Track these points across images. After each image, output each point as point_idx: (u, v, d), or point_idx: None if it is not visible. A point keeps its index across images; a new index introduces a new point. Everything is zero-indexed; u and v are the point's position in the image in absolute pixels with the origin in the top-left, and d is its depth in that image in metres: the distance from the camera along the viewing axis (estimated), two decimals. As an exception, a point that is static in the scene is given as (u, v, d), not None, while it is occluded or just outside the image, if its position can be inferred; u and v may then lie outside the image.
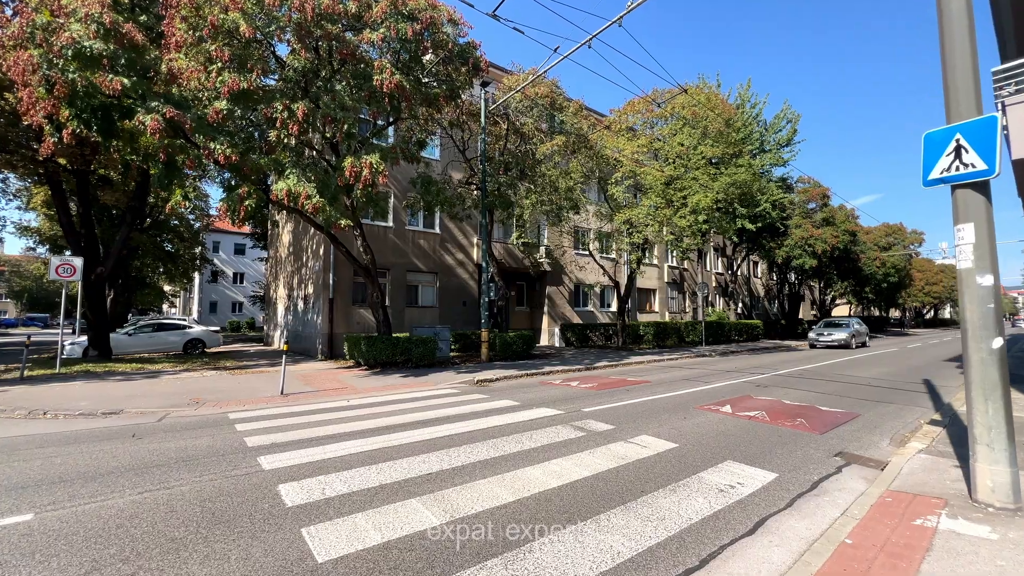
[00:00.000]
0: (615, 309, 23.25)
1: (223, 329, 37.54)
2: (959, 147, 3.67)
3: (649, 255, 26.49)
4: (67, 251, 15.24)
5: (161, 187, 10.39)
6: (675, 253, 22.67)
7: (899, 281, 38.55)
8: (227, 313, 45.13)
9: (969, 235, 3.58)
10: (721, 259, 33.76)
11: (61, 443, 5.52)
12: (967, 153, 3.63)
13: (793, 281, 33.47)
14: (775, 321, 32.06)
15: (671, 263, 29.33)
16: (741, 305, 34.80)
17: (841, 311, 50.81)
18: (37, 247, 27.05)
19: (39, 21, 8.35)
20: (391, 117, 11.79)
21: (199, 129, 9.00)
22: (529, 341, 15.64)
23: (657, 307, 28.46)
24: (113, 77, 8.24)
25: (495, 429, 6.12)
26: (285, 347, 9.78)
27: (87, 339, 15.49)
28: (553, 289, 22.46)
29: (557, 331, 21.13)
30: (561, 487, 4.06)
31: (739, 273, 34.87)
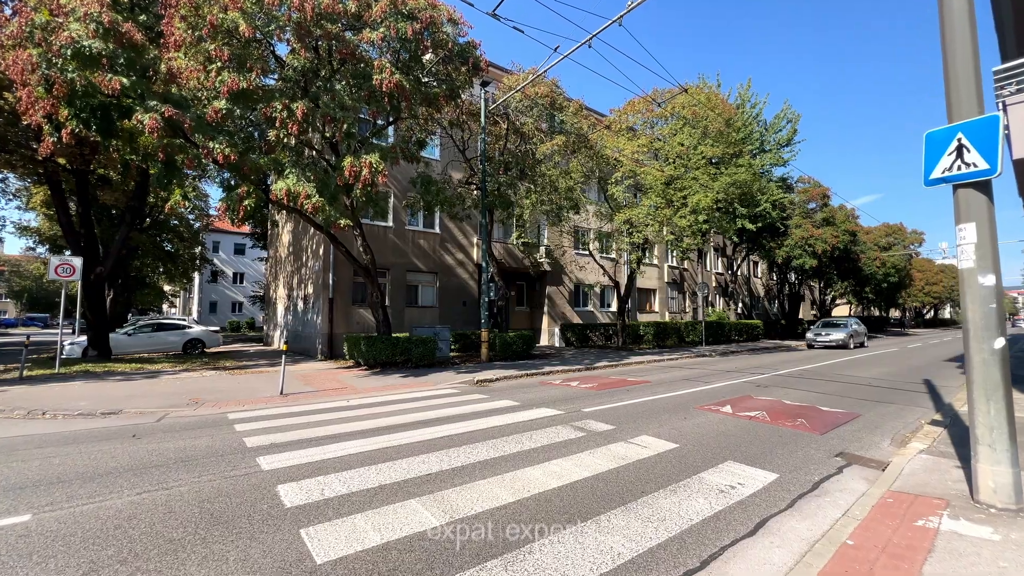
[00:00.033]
0: (615, 309, 23.24)
1: (223, 329, 37.52)
2: (961, 146, 3.66)
3: (649, 255, 26.48)
4: (66, 251, 15.22)
5: (160, 187, 10.39)
6: (675, 253, 22.66)
7: (899, 281, 38.56)
8: (227, 313, 45.12)
9: (971, 235, 3.57)
10: (721, 259, 33.76)
11: (60, 443, 5.50)
12: (969, 152, 3.62)
13: (793, 281, 33.46)
14: (775, 321, 32.06)
15: (671, 263, 29.31)
16: (741, 305, 34.79)
17: (841, 311, 50.79)
18: (37, 247, 27.06)
19: (38, 20, 8.34)
20: (391, 117, 11.78)
21: (198, 128, 8.99)
22: (529, 341, 15.63)
23: (657, 307, 28.44)
24: (112, 76, 8.23)
25: (495, 429, 6.11)
26: (285, 347, 9.77)
27: (86, 339, 15.48)
28: (553, 289, 22.45)
29: (557, 331, 21.12)
30: (561, 487, 4.05)
31: (739, 273, 34.87)
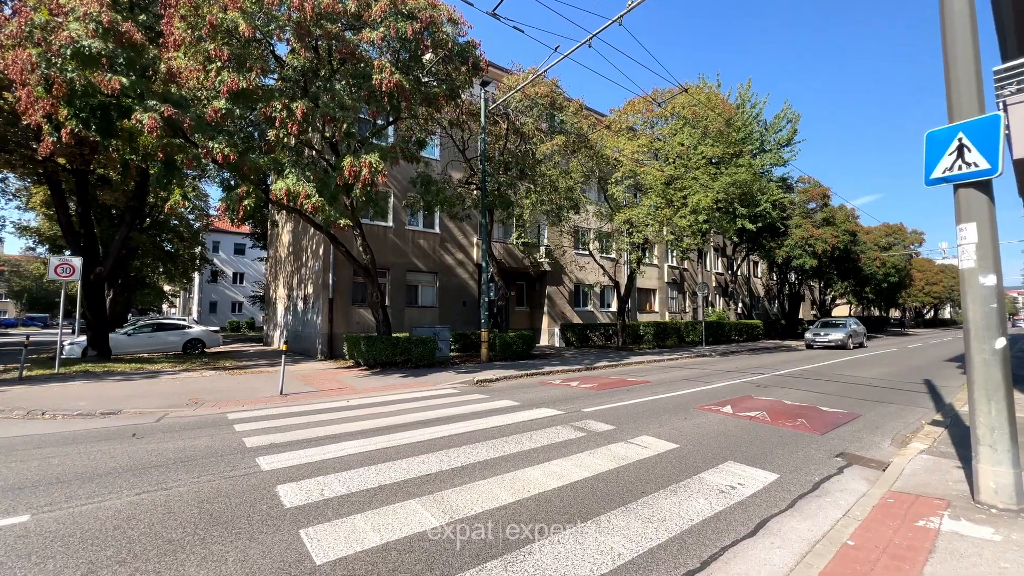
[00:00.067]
0: (615, 309, 23.23)
1: (223, 329, 37.52)
2: (961, 146, 3.65)
3: (649, 255, 26.47)
4: (66, 251, 15.21)
5: (160, 187, 10.38)
6: (675, 253, 22.65)
7: (899, 281, 38.55)
8: (227, 313, 45.12)
9: (972, 235, 3.56)
10: (721, 259, 33.75)
11: (59, 443, 5.50)
12: (969, 152, 3.61)
13: (793, 281, 33.45)
14: (775, 321, 32.05)
15: (671, 263, 29.31)
16: (741, 305, 34.78)
17: (841, 311, 50.78)
18: (36, 247, 27.05)
19: (37, 20, 8.33)
20: (391, 116, 11.77)
21: (198, 128, 8.98)
22: (529, 341, 15.62)
23: (657, 307, 28.44)
24: (112, 76, 8.22)
25: (495, 429, 6.10)
26: (284, 347, 9.76)
27: (86, 339, 15.47)
28: (553, 289, 22.44)
29: (557, 331, 21.11)
30: (561, 488, 4.04)
31: (739, 273, 34.86)
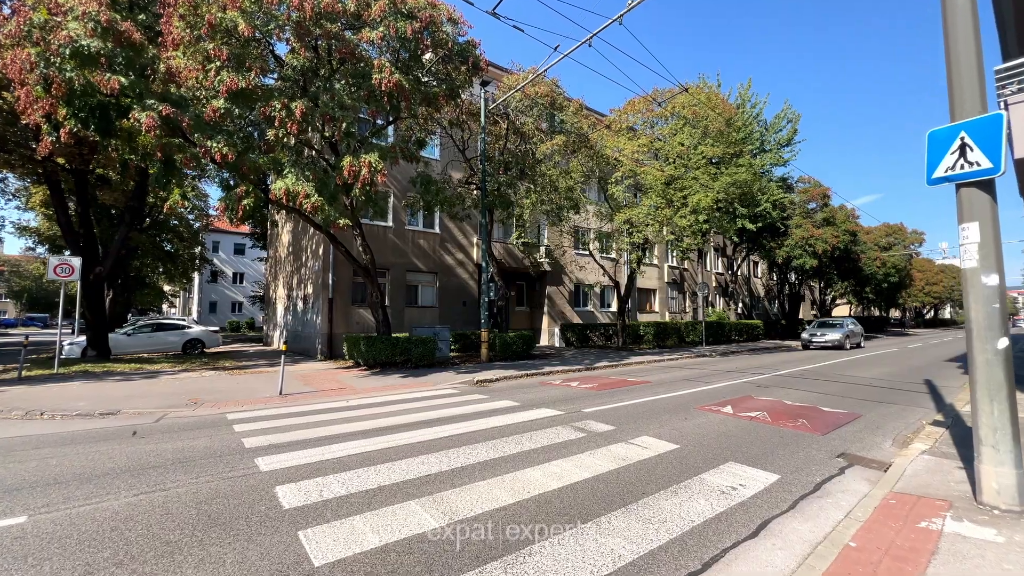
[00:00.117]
0: (615, 309, 23.21)
1: (222, 329, 37.50)
2: (964, 145, 3.63)
3: (649, 255, 26.45)
4: (66, 251, 15.19)
5: (160, 186, 10.37)
6: (675, 253, 22.64)
7: (899, 281, 38.54)
8: (227, 313, 45.09)
9: (974, 234, 3.54)
10: (721, 259, 33.73)
11: (57, 444, 5.48)
12: (972, 151, 3.59)
13: (793, 281, 33.44)
14: (775, 321, 32.03)
15: (671, 263, 29.29)
16: (741, 305, 34.76)
17: (841, 311, 50.78)
18: (36, 247, 27.03)
19: (36, 19, 8.30)
20: (390, 116, 11.75)
21: (197, 128, 8.96)
22: (529, 341, 15.61)
23: (657, 307, 28.42)
24: (111, 76, 8.21)
25: (495, 430, 6.08)
26: (284, 347, 9.75)
27: (86, 339, 15.45)
28: (553, 289, 22.42)
29: (557, 331, 21.09)
30: (561, 489, 4.02)
31: (739, 273, 34.84)
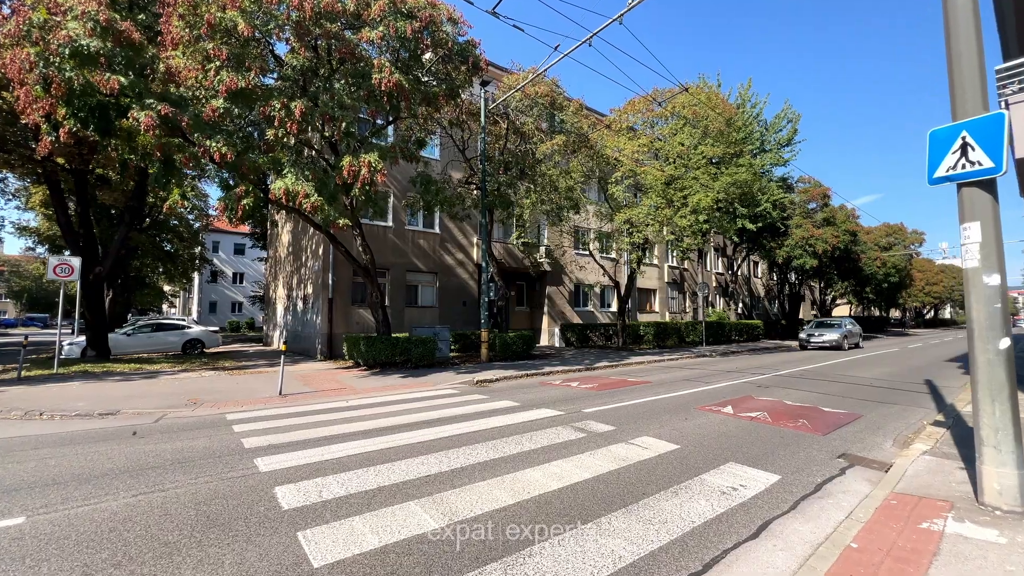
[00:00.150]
0: (615, 309, 23.19)
1: (222, 329, 37.50)
2: (965, 145, 3.62)
3: (649, 255, 26.43)
4: (65, 251, 15.18)
5: (159, 186, 10.36)
6: (675, 253, 22.63)
7: (899, 281, 38.53)
8: (227, 313, 45.08)
9: (976, 234, 3.53)
10: (721, 259, 33.71)
11: (56, 444, 5.46)
12: (973, 151, 3.58)
13: (793, 281, 33.42)
14: (775, 321, 32.02)
15: (671, 263, 29.27)
16: (741, 305, 34.75)
17: (842, 311, 50.77)
18: (36, 247, 27.01)
19: (36, 19, 8.29)
20: (390, 116, 11.74)
21: (196, 127, 8.94)
22: (529, 341, 15.59)
23: (657, 307, 28.40)
24: (110, 76, 8.20)
25: (495, 430, 6.07)
26: (284, 347, 9.74)
27: (85, 339, 15.44)
28: (553, 289, 22.41)
29: (557, 331, 21.08)
30: (561, 489, 4.01)
31: (739, 273, 34.82)
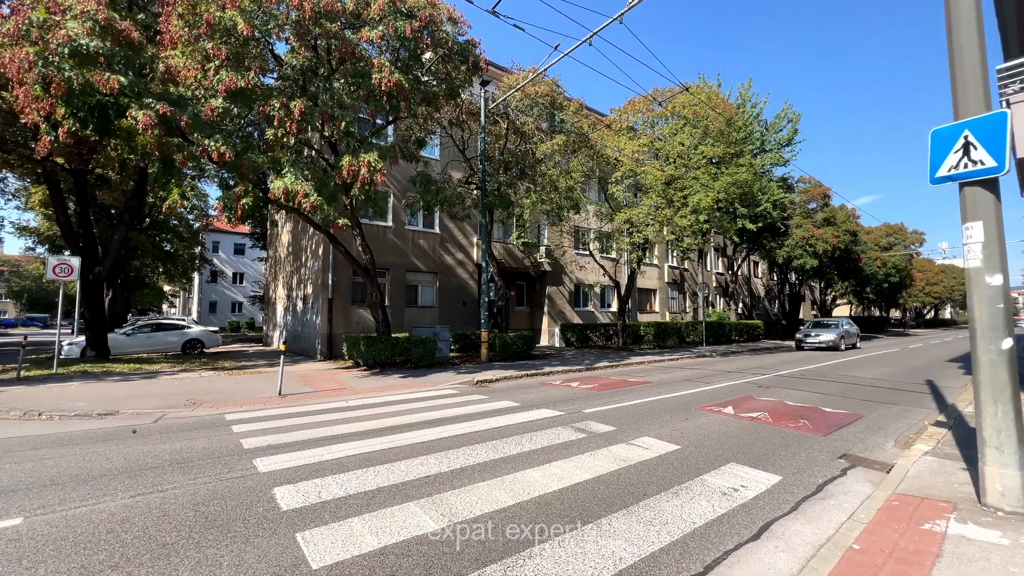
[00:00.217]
0: (615, 309, 23.17)
1: (222, 329, 37.50)
2: (967, 144, 3.60)
3: (649, 255, 26.41)
4: (65, 251, 15.16)
5: (159, 186, 10.35)
6: (675, 253, 22.61)
7: (900, 281, 38.52)
8: (227, 313, 45.06)
9: (978, 233, 3.51)
10: (721, 259, 33.68)
11: (55, 445, 5.45)
12: (975, 150, 3.56)
13: (794, 281, 33.41)
14: (776, 321, 31.99)
15: (671, 263, 29.25)
16: (741, 305, 34.72)
17: (842, 311, 50.77)
18: (36, 247, 27.01)
19: (35, 18, 8.28)
20: (390, 116, 11.72)
21: (195, 127, 8.92)
22: (529, 341, 15.57)
23: (657, 307, 28.38)
24: (110, 75, 8.18)
25: (495, 431, 6.05)
26: (283, 347, 9.72)
27: (85, 339, 15.42)
28: (553, 289, 22.39)
29: (557, 331, 21.05)
30: (562, 490, 3.99)
31: (739, 273, 34.80)
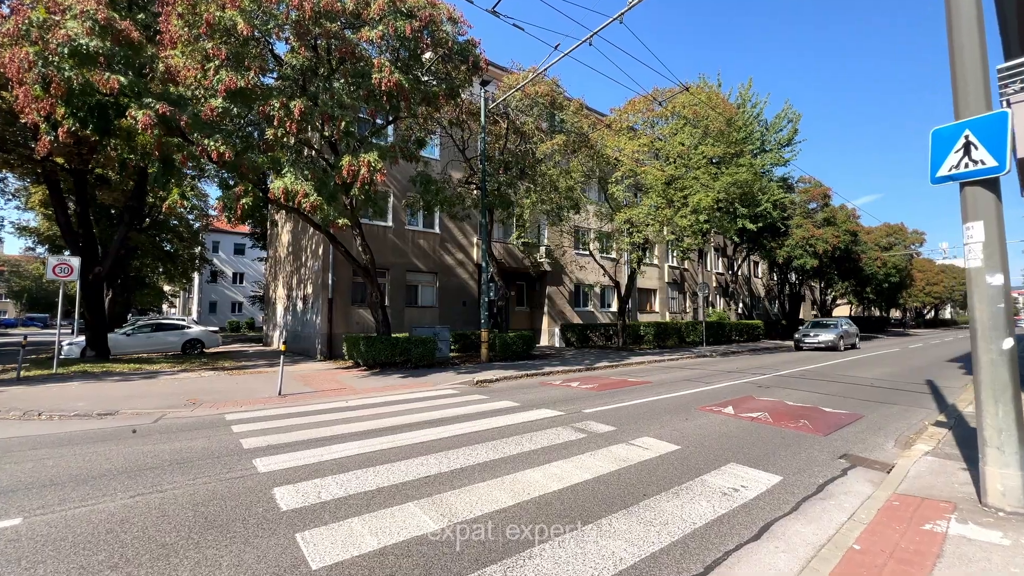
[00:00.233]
0: (615, 309, 23.16)
1: (222, 329, 37.49)
2: (968, 144, 3.60)
3: (649, 255, 26.40)
4: (65, 251, 15.16)
5: (159, 186, 10.34)
6: (675, 253, 22.61)
7: (900, 281, 38.51)
8: (227, 313, 45.05)
9: (978, 233, 3.51)
10: (722, 259, 33.67)
11: (54, 445, 5.44)
12: (976, 150, 3.55)
13: (794, 281, 33.40)
14: (776, 321, 31.98)
15: (671, 263, 29.25)
16: (742, 305, 34.72)
17: (842, 311, 50.77)
18: (36, 247, 27.01)
19: (35, 18, 8.27)
20: (390, 116, 11.72)
21: (195, 126, 8.91)
22: (529, 341, 15.57)
23: (657, 307, 28.37)
24: (109, 75, 8.17)
25: (495, 431, 6.04)
26: (283, 347, 9.72)
27: (85, 339, 15.42)
28: (553, 289, 22.38)
29: (557, 331, 21.05)
30: (562, 490, 3.99)
31: (740, 273, 34.78)
